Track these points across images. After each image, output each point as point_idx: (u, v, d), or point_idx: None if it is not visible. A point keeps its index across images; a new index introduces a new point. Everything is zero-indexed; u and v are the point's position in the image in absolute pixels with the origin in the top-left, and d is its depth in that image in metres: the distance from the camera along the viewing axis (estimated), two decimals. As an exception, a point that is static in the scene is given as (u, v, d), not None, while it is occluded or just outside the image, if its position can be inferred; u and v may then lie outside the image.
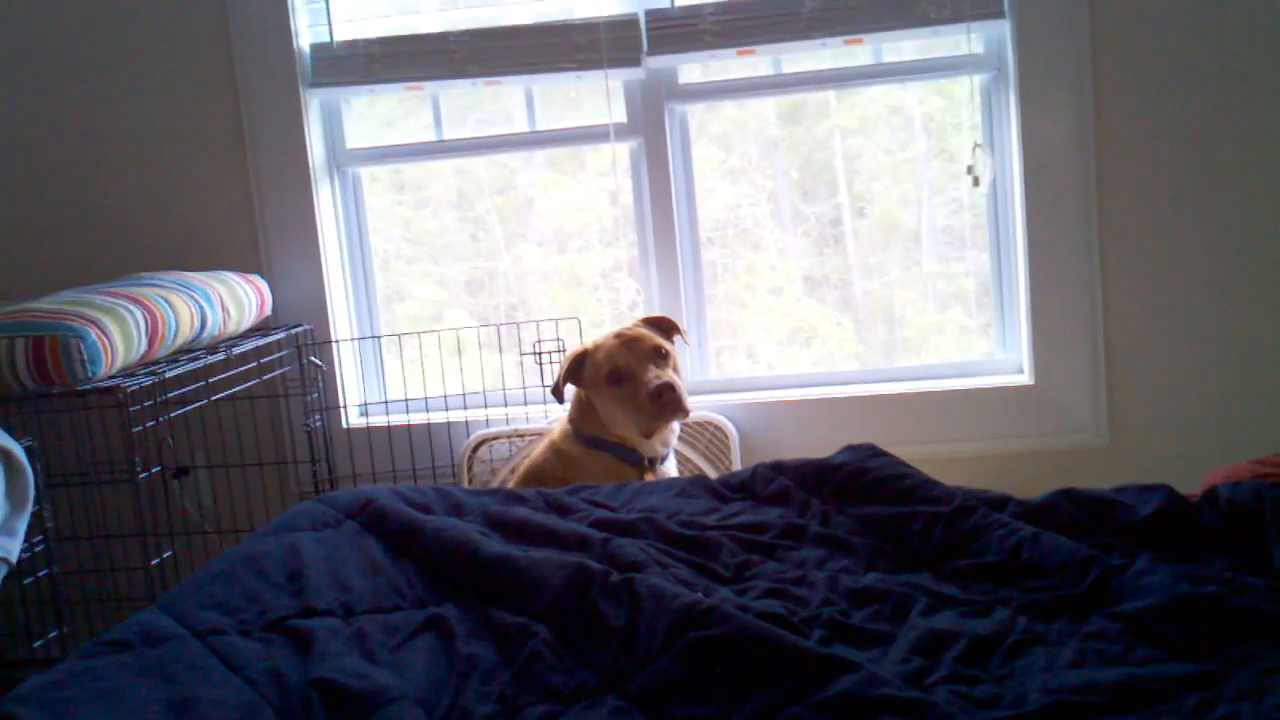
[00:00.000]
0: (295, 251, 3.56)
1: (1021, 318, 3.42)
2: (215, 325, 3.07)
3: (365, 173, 3.72)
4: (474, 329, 3.61)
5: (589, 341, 3.06)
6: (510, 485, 3.11)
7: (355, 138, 3.68)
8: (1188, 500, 2.05)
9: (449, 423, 3.55)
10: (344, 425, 3.61)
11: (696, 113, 3.60)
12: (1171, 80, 3.21)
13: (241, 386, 3.22)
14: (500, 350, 3.59)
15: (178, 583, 2.05)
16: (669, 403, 2.87)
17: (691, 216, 3.60)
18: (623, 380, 2.92)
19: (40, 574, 2.65)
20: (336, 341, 3.58)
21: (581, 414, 3.05)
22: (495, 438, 3.46)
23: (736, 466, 3.36)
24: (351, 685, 1.59)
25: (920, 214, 3.65)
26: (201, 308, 3.00)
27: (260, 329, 3.44)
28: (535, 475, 3.03)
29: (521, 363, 3.54)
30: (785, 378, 3.62)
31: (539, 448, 3.14)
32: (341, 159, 3.66)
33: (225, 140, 3.55)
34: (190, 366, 2.91)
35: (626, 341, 2.97)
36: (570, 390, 3.07)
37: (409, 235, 3.85)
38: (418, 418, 3.61)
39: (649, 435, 2.95)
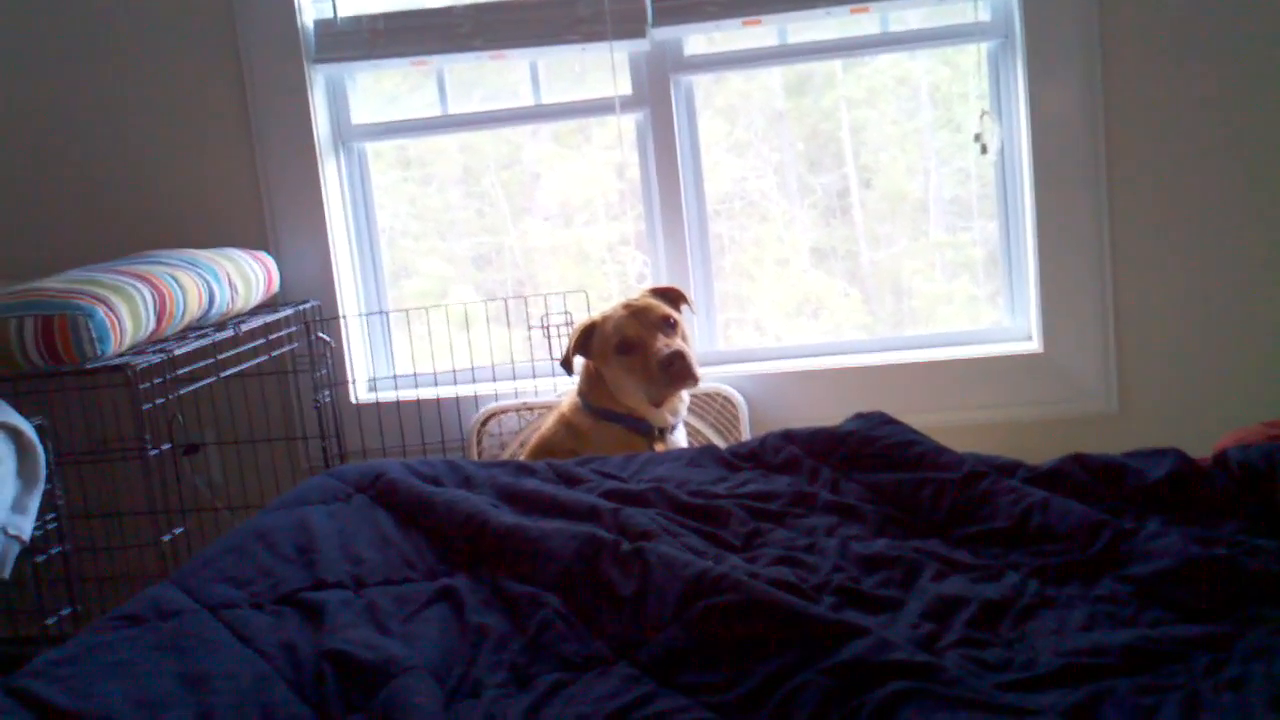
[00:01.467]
0: (302, 228, 3.55)
1: (1030, 285, 3.41)
2: (223, 302, 3.07)
3: (371, 148, 3.71)
4: (482, 303, 3.61)
5: (597, 313, 3.06)
6: (520, 458, 3.11)
7: (360, 113, 3.67)
8: (1198, 464, 2.04)
9: (458, 397, 3.55)
10: (353, 401, 3.62)
11: (702, 85, 3.58)
12: (1180, 45, 3.19)
13: (250, 363, 3.22)
14: (508, 324, 3.59)
15: (190, 557, 2.06)
16: (679, 371, 2.87)
17: (698, 189, 3.59)
18: (632, 350, 2.93)
19: (52, 551, 2.66)
20: (344, 317, 3.58)
21: (591, 386, 3.05)
22: (504, 411, 3.46)
23: (745, 437, 3.36)
24: (363, 656, 1.59)
25: (927, 184, 3.64)
26: (209, 285, 3.00)
27: (268, 305, 3.44)
28: (545, 448, 3.04)
29: (530, 337, 3.53)
30: (793, 348, 3.62)
31: (548, 420, 3.14)
32: (347, 134, 3.65)
33: (230, 117, 3.54)
34: (199, 344, 2.91)
35: (635, 312, 2.97)
36: (579, 362, 3.08)
37: (415, 211, 3.84)
38: (426, 393, 3.60)
39: (659, 404, 2.96)
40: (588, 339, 3.02)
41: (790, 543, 1.95)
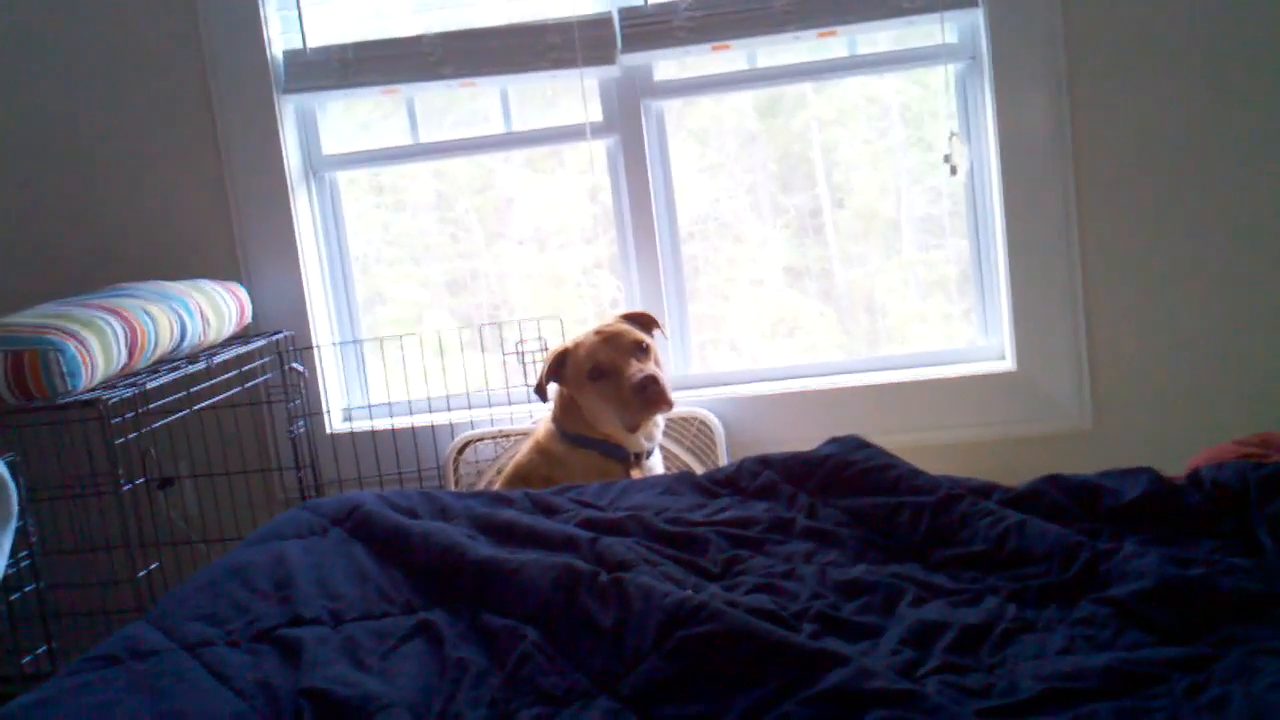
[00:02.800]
0: (274, 258, 3.54)
1: (1002, 304, 3.43)
2: (195, 335, 3.06)
3: (343, 176, 3.71)
4: (456, 330, 3.60)
5: (569, 340, 3.06)
6: (496, 486, 3.11)
7: (331, 143, 3.66)
8: (1172, 483, 2.05)
9: (433, 425, 3.55)
10: (328, 430, 3.60)
11: (674, 108, 3.59)
12: (1146, 64, 3.22)
13: (223, 395, 3.21)
14: (483, 350, 3.58)
15: (165, 594, 2.04)
16: (653, 395, 2.88)
17: (670, 212, 3.60)
18: (605, 376, 2.93)
19: (27, 589, 2.64)
20: (318, 347, 3.57)
21: (565, 412, 3.04)
22: (480, 439, 3.45)
23: (723, 461, 3.36)
24: (341, 694, 1.58)
25: (899, 203, 3.66)
26: (181, 317, 2.98)
27: (241, 337, 3.42)
28: (521, 476, 3.03)
29: (504, 363, 3.53)
30: (769, 370, 3.62)
31: (524, 448, 3.13)
32: (318, 164, 3.64)
33: (201, 149, 3.53)
34: (171, 377, 2.90)
35: (607, 338, 2.97)
36: (554, 389, 3.07)
37: (389, 238, 3.84)
38: (402, 421, 3.60)
39: (634, 429, 2.97)
40: (560, 366, 3.02)
41: (769, 570, 1.95)
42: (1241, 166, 3.22)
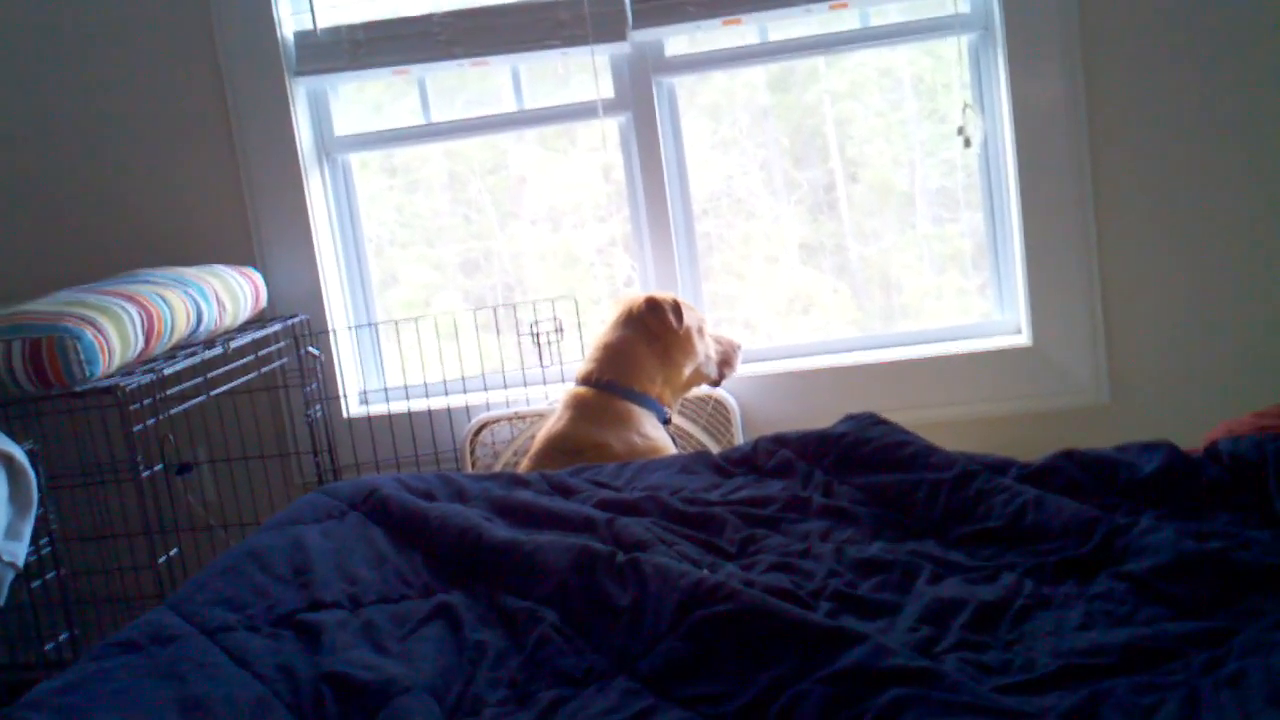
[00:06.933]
0: (288, 241, 3.54)
1: (1018, 278, 3.41)
2: (211, 320, 3.06)
3: (355, 158, 3.71)
4: (470, 311, 3.60)
5: (661, 293, 3.20)
6: (525, 461, 3.07)
7: (343, 124, 3.66)
8: (1190, 456, 2.05)
9: (449, 408, 3.55)
10: (344, 414, 3.61)
11: (686, 84, 3.58)
12: (1161, 33, 3.19)
13: (240, 380, 3.21)
14: (498, 332, 3.58)
15: (185, 580, 2.05)
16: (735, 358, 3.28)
17: (683, 189, 3.59)
18: (704, 334, 3.15)
19: (48, 576, 2.66)
20: (333, 330, 3.57)
21: (618, 365, 3.07)
22: (496, 421, 3.45)
23: (738, 440, 3.36)
24: (362, 677, 1.59)
25: (913, 176, 3.64)
26: (197, 303, 2.99)
27: (256, 321, 3.43)
28: (559, 444, 2.97)
29: (519, 344, 3.53)
30: (784, 348, 3.62)
31: (553, 419, 3.07)
32: (330, 146, 3.64)
33: (213, 133, 3.53)
34: (188, 362, 2.90)
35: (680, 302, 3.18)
36: (595, 343, 3.15)
37: (402, 219, 3.83)
38: (418, 404, 3.60)
39: (717, 384, 3.28)
40: (679, 312, 3.12)
41: (785, 549, 1.95)
42: (1260, 137, 3.20)
